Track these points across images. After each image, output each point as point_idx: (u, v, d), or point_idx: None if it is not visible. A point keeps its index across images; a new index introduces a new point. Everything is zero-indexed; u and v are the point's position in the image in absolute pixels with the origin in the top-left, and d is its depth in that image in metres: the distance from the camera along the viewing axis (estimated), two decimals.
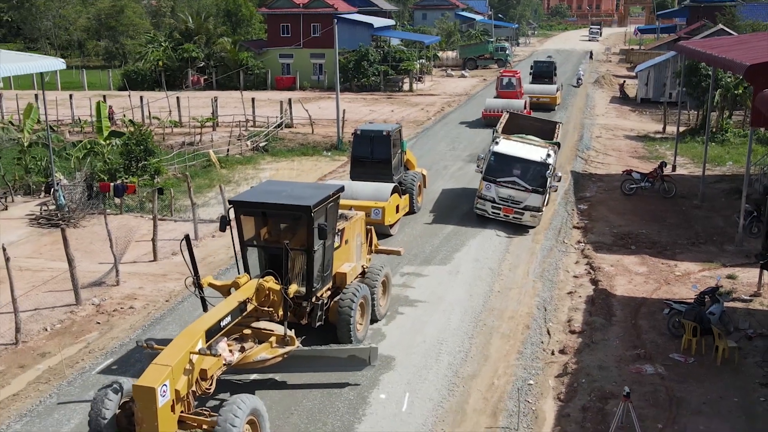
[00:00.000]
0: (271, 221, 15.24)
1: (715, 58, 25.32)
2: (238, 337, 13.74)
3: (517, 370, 15.33)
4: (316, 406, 13.71)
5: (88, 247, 23.54)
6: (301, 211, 14.20)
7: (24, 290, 18.91)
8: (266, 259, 14.93)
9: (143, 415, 10.89)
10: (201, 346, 11.78)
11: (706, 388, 14.44)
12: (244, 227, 14.87)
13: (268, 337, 13.77)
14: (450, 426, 13.24)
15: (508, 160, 24.53)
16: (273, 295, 13.95)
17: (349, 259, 16.72)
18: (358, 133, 25.97)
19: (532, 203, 24.08)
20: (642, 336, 16.73)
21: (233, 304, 13.17)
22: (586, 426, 13.25)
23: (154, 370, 11.09)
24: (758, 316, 17.75)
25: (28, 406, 14.06)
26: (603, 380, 14.74)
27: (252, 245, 15.06)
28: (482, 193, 24.71)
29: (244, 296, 13.45)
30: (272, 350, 13.63)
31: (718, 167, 33.55)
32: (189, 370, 11.58)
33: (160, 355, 11.52)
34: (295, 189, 15.65)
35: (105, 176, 28.09)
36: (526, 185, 24.10)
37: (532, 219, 24.23)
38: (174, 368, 11.17)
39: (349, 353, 14.27)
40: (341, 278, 16.02)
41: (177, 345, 11.70)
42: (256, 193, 15.91)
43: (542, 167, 24.16)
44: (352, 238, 16.88)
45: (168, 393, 11.00)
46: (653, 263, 21.50)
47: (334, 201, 15.22)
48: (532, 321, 17.70)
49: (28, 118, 31.02)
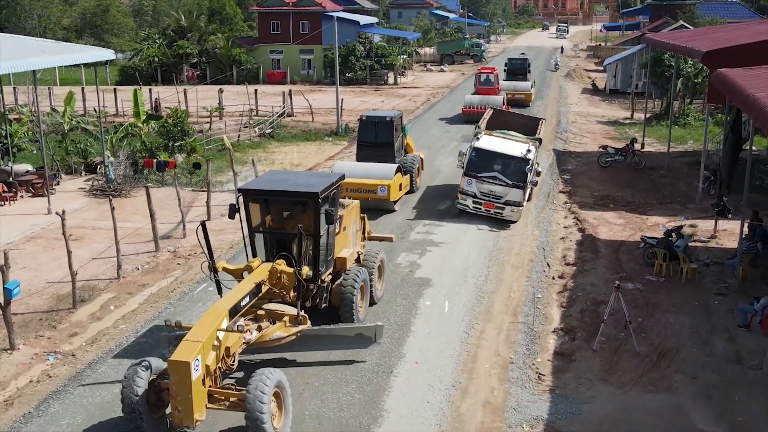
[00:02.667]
0: (278, 208, 15.83)
1: (677, 47, 29.77)
2: (252, 317, 14.38)
3: (528, 288, 19.51)
4: (380, 308, 17.70)
5: (144, 212, 27.09)
6: (309, 198, 14.86)
7: (105, 244, 22.61)
8: (273, 244, 15.62)
9: (178, 389, 11.40)
10: (226, 324, 12.59)
11: (674, 297, 18.69)
12: (252, 214, 15.48)
13: (282, 317, 14.45)
14: (482, 322, 17.35)
15: (488, 155, 24.82)
16: (285, 278, 14.63)
17: (347, 245, 17.35)
18: (364, 119, 28.53)
19: (513, 198, 24.34)
20: (623, 265, 20.99)
21: (250, 285, 13.89)
22: (585, 320, 17.44)
23: (187, 346, 11.64)
24: (714, 251, 22.10)
25: (148, 317, 17.85)
26: (595, 293, 18.95)
27: (259, 231, 15.69)
28: (463, 188, 24.93)
29: (259, 278, 14.20)
30: (286, 329, 14.29)
31: (681, 145, 38.09)
32: (217, 347, 12.25)
33: (191, 332, 12.11)
34: (300, 177, 16.60)
35: (145, 154, 31.69)
36: (507, 180, 24.36)
37: (513, 214, 24.46)
38: (204, 344, 11.79)
39: (356, 331, 15.06)
40: (341, 263, 16.64)
41: (205, 323, 12.37)
42: (263, 181, 16.43)
43: (523, 162, 24.47)
44: (349, 225, 17.50)
45: (200, 367, 11.57)
46: (629, 217, 25.81)
47: (336, 188, 15.93)
48: (534, 257, 21.91)
49: (69, 105, 34.49)
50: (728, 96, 20.05)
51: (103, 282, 20.18)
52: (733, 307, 17.72)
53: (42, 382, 14.84)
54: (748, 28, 33.29)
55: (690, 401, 13.93)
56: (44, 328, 17.31)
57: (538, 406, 13.87)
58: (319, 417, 13.21)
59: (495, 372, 15.09)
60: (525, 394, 14.28)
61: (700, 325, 17.03)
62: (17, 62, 24.41)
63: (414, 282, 19.64)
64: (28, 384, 14.81)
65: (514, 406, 13.86)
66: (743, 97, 17.44)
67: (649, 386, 14.50)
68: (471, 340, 16.37)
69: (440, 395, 14.05)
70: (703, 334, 16.62)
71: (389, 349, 15.77)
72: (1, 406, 13.98)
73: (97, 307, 18.64)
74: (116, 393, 13.30)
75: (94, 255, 22.04)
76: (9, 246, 22.97)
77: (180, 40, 70.20)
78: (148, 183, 30.24)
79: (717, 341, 16.27)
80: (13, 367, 15.53)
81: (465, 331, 16.80)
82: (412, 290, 18.93)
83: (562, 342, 16.54)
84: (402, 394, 14.05)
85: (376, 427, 12.93)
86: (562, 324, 17.47)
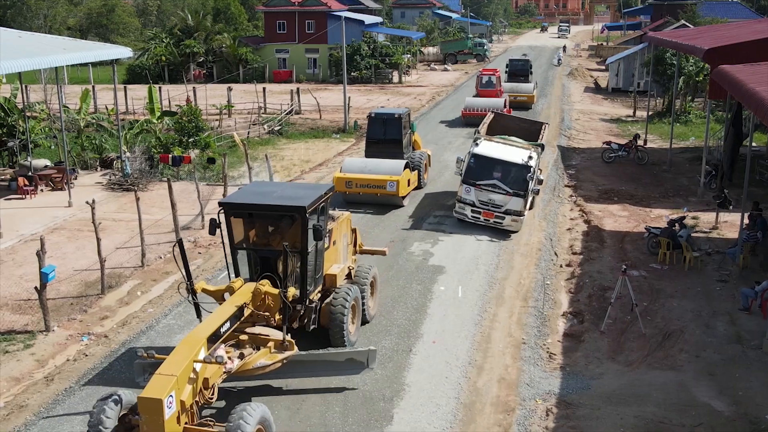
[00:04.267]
0: (263, 223, 14.78)
1: (679, 45, 30.59)
2: (234, 343, 13.29)
3: (537, 275, 20.33)
4: (396, 292, 18.51)
5: (161, 205, 27.97)
6: (295, 212, 13.81)
7: (127, 235, 23.43)
8: (257, 261, 14.50)
9: (149, 428, 10.50)
10: (204, 354, 11.53)
11: (677, 284, 19.50)
12: (235, 230, 14.37)
13: (266, 343, 13.39)
14: (494, 306, 18.17)
15: (488, 162, 23.70)
16: (269, 300, 13.62)
17: (337, 260, 16.20)
18: (373, 116, 28.92)
19: (513, 207, 23.23)
20: (628, 254, 21.80)
21: (231, 309, 12.80)
22: (593, 305, 18.26)
23: (160, 380, 10.69)
24: (715, 241, 22.90)
25: (174, 302, 18.65)
26: (601, 280, 19.76)
27: (242, 248, 14.60)
28: (461, 196, 23.94)
29: (241, 301, 13.14)
30: (271, 356, 13.22)
31: (682, 142, 38.88)
32: (193, 380, 11.21)
33: (164, 365, 11.08)
34: (286, 189, 15.42)
35: (160, 150, 32.51)
36: (507, 188, 23.26)
37: (513, 223, 23.38)
38: (179, 378, 10.79)
39: (347, 356, 13.95)
40: (331, 280, 15.46)
41: (179, 353, 11.32)
42: (246, 194, 15.27)
43: (524, 170, 23.32)
44: (339, 238, 16.36)
45: (174, 404, 10.67)
46: (633, 209, 26.62)
47: (325, 201, 14.83)
48: (542, 246, 22.74)
49: (84, 102, 35.31)
50: (729, 91, 20.86)
51: (127, 270, 21.00)
52: (734, 293, 18.52)
53: (79, 360, 15.65)
54: (749, 27, 34.11)
55: (693, 378, 14.73)
56: (76, 312, 18.13)
57: (550, 382, 14.68)
58: (345, 390, 14.01)
59: (508, 351, 15.90)
60: (537, 371, 15.09)
61: (703, 309, 17.83)
62: (41, 59, 25.24)
63: (428, 269, 20.47)
64: (65, 362, 15.62)
65: (527, 381, 14.67)
66: (744, 91, 18.24)
67: (654, 364, 15.31)
68: (484, 323, 17.19)
69: (457, 371, 14.87)
70: (705, 317, 17.42)
71: (408, 330, 16.59)
72: (43, 381, 14.79)
73: (124, 293, 19.47)
74: None
75: (117, 245, 22.84)
76: (33, 237, 23.82)
77: (187, 39, 71.05)
78: (164, 178, 31.07)
79: (719, 323, 17.07)
80: (50, 347, 16.34)
81: (478, 314, 17.63)
82: (427, 276, 19.78)
83: (571, 324, 17.35)
84: (421, 370, 14.86)
85: (399, 399, 13.75)
86: (571, 308, 18.28)
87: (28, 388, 14.57)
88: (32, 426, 13.08)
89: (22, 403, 13.89)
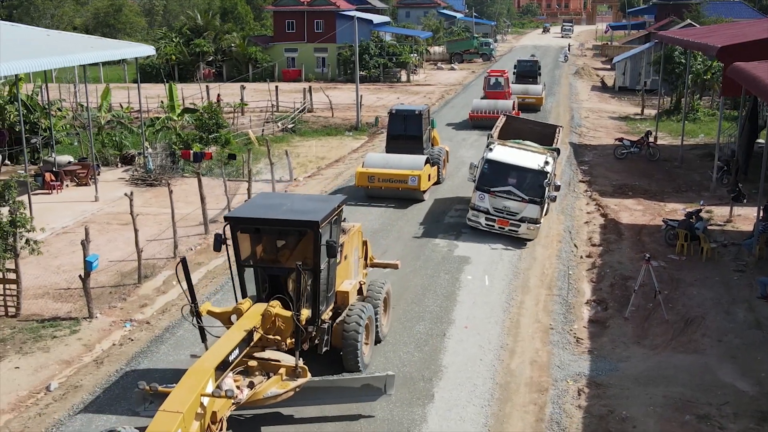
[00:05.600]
0: (272, 238, 13.83)
1: (691, 43, 31.22)
2: (243, 370, 12.30)
3: (559, 266, 20.97)
4: (426, 281, 19.15)
5: (185, 200, 28.60)
6: (307, 227, 12.87)
7: (155, 228, 24.08)
8: (266, 279, 13.61)
9: None
10: (212, 387, 10.75)
11: (696, 273, 20.13)
12: (242, 246, 13.38)
13: (277, 369, 12.47)
14: (520, 294, 18.82)
15: (502, 168, 22.92)
16: (280, 322, 12.65)
17: (348, 275, 15.17)
18: (394, 113, 29.47)
19: (529, 214, 22.49)
20: (646, 246, 22.41)
21: (240, 334, 11.87)
22: (615, 293, 18.90)
23: (164, 418, 9.82)
24: (730, 233, 23.52)
25: (210, 291, 19.30)
26: (622, 270, 20.40)
27: (250, 265, 13.59)
28: (475, 203, 23.13)
29: (250, 325, 12.19)
30: (283, 384, 12.32)
31: (692, 139, 39.45)
32: (201, 415, 10.39)
33: (168, 400, 10.19)
34: (296, 202, 14.38)
35: (181, 146, 33.15)
36: (523, 195, 22.51)
37: (529, 231, 22.64)
38: (185, 415, 9.93)
39: (363, 382, 12.97)
40: (343, 297, 14.45)
41: (185, 386, 10.44)
42: (254, 207, 14.22)
43: (540, 176, 22.54)
44: (351, 252, 15.35)
45: None
46: (647, 203, 27.25)
47: (338, 215, 14.02)
48: (562, 238, 23.37)
49: (105, 100, 35.96)
50: (746, 86, 21.49)
51: (160, 261, 21.63)
52: (751, 282, 19.14)
53: (125, 344, 16.29)
54: (759, 26, 34.71)
55: (717, 361, 15.35)
56: (115, 300, 18.77)
57: (579, 364, 15.31)
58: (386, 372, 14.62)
59: (537, 336, 16.54)
60: (566, 355, 15.72)
61: (722, 297, 18.46)
62: (71, 57, 25.89)
63: (454, 259, 21.12)
64: (112, 346, 16.25)
65: (558, 364, 15.30)
66: (762, 86, 18.87)
67: (679, 348, 15.95)
68: (512, 309, 17.84)
69: (491, 354, 15.50)
70: (724, 304, 18.04)
71: (439, 316, 17.25)
72: (93, 364, 15.42)
73: (160, 282, 20.09)
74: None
75: (147, 237, 23.43)
76: (64, 230, 24.49)
77: (196, 38, 71.70)
78: (185, 174, 31.76)
79: (738, 311, 17.69)
80: (95, 332, 16.97)
81: (506, 301, 18.29)
82: (453, 266, 20.45)
83: (596, 312, 17.98)
84: (456, 353, 15.50)
85: (438, 380, 14.39)
86: (594, 296, 18.92)
87: (80, 370, 15.19)
88: (90, 405, 13.70)
89: (77, 384, 14.52)
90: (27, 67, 23.50)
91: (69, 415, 13.40)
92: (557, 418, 13.31)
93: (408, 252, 20.66)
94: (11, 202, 18.00)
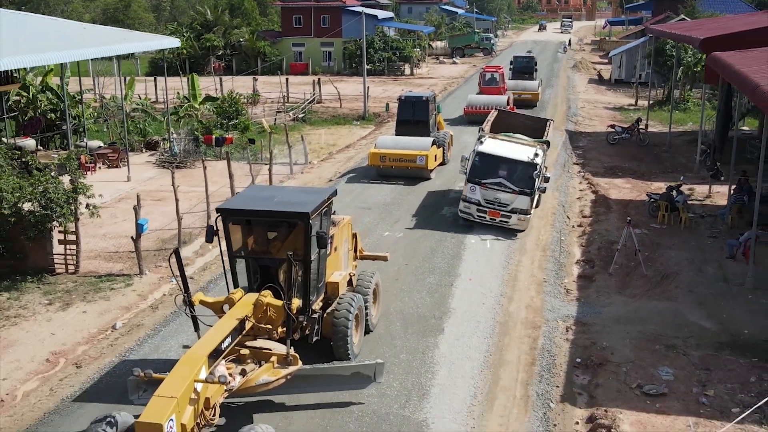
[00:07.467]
0: (263, 230, 14.18)
1: (677, 35, 33.68)
2: (235, 358, 12.60)
3: (552, 233, 23.49)
4: (434, 244, 21.65)
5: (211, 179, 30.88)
6: (298, 218, 13.20)
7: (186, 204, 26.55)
8: (257, 270, 13.91)
9: None
10: (205, 374, 10.97)
11: (675, 239, 22.61)
12: (233, 237, 13.66)
13: (269, 357, 12.71)
14: (518, 255, 21.38)
15: (493, 160, 23.55)
16: (272, 312, 13.01)
17: (339, 267, 15.52)
18: (403, 99, 32.13)
19: (519, 205, 23.12)
20: (631, 216, 24.83)
21: (232, 323, 12.16)
22: (602, 254, 21.41)
23: (159, 403, 10.01)
24: (708, 207, 26.01)
25: None
26: (609, 236, 22.88)
27: (241, 256, 13.90)
28: (466, 195, 23.66)
29: (241, 314, 12.48)
30: (274, 371, 12.57)
31: (681, 127, 41.94)
32: (194, 400, 10.61)
33: (163, 385, 10.43)
34: (287, 194, 14.69)
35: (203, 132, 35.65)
36: (513, 187, 23.13)
37: (519, 222, 23.26)
38: (179, 400, 10.16)
39: (353, 370, 13.30)
40: (333, 288, 14.76)
41: (179, 373, 10.69)
42: (245, 199, 14.52)
43: (530, 167, 23.16)
44: (341, 244, 15.70)
45: (174, 428, 10.05)
46: (635, 182, 29.74)
47: (328, 206, 14.36)
48: (556, 211, 25.90)
49: (130, 89, 38.45)
50: (720, 73, 23.95)
51: (195, 230, 24.12)
52: (723, 246, 21.59)
53: (174, 294, 18.74)
54: (743, 19, 37.20)
55: (686, 306, 17.82)
56: (159, 261, 21.27)
57: (568, 309, 17.84)
58: (403, 312, 17.24)
59: (532, 287, 19.08)
60: (557, 302, 18.25)
61: (695, 258, 20.94)
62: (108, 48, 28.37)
63: (459, 226, 23.71)
64: (163, 296, 18.78)
65: (549, 308, 17.83)
66: (732, 72, 21.33)
67: (654, 297, 18.44)
68: (511, 266, 20.40)
69: (492, 300, 18.06)
70: (697, 263, 20.52)
71: (447, 271, 19.82)
72: (149, 309, 17.95)
73: (197, 247, 22.60)
74: None
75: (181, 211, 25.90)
76: (104, 205, 26.96)
77: (206, 33, 74.12)
78: (207, 157, 34.20)
79: (709, 268, 20.17)
80: (147, 285, 19.49)
81: (505, 260, 20.85)
82: (458, 232, 23.01)
83: (584, 269, 20.51)
84: (462, 299, 18.05)
85: (447, 318, 16.96)
86: (583, 257, 21.43)
87: (139, 314, 17.73)
88: (154, 338, 16.23)
89: (138, 323, 17.06)
90: (71, 56, 25.94)
91: (137, 345, 15.94)
92: (548, 347, 15.84)
93: (417, 221, 23.18)
94: (72, 171, 20.45)
